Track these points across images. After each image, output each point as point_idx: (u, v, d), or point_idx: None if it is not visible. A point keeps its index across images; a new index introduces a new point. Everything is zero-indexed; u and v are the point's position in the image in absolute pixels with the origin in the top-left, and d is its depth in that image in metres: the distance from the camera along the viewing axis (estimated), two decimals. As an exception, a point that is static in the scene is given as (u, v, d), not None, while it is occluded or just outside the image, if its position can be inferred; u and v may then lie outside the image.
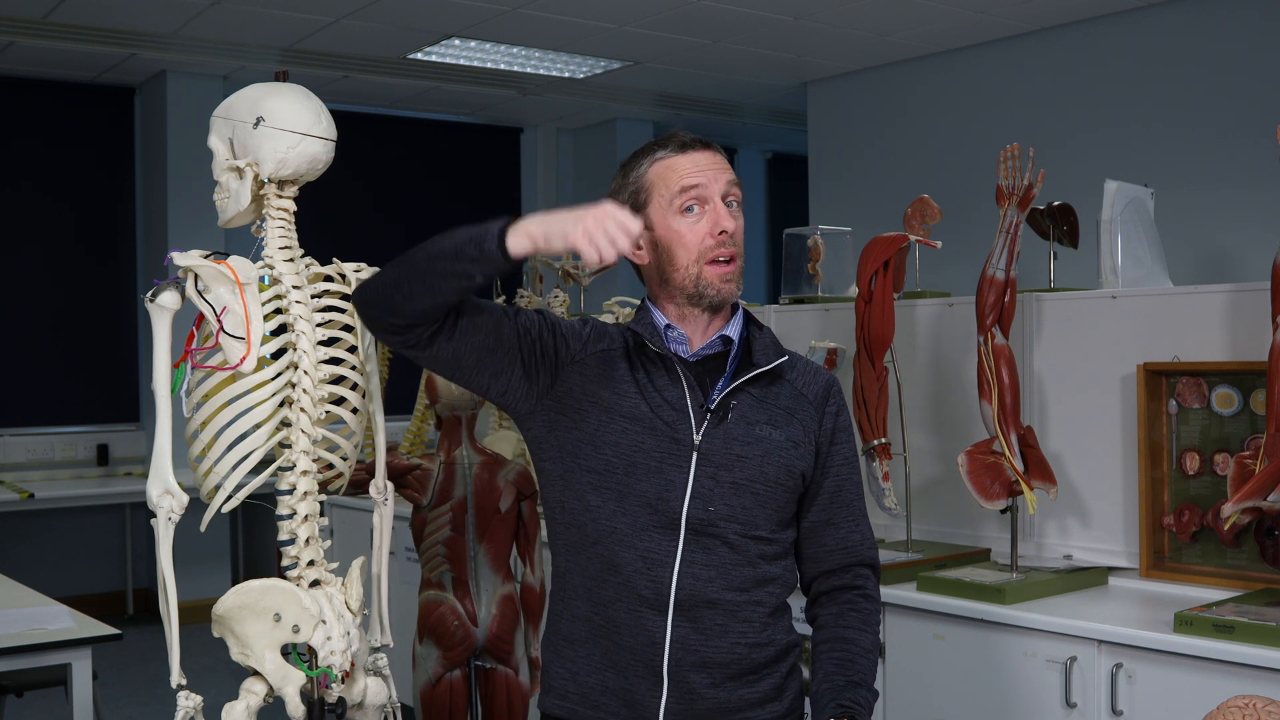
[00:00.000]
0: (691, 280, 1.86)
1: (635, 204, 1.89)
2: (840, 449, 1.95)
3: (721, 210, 1.86)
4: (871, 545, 2.00)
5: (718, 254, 1.85)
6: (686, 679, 1.81)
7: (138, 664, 5.89)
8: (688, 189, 1.86)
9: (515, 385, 1.87)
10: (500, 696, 3.37)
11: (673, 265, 1.87)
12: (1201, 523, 2.99)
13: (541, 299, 5.01)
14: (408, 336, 1.81)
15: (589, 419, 1.85)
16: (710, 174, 1.87)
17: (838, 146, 7.33)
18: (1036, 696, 2.74)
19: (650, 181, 1.89)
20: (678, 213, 1.86)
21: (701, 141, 1.90)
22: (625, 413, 1.84)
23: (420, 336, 1.80)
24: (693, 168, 1.87)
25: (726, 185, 1.87)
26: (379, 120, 8.00)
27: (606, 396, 1.85)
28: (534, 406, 1.89)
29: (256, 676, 2.01)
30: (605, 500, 1.83)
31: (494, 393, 1.88)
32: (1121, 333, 3.17)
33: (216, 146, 2.11)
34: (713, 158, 1.89)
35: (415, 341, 1.81)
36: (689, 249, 1.85)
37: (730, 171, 1.90)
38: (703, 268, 1.85)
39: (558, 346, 1.89)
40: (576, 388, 1.87)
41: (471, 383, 1.87)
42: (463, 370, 1.85)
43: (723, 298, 1.87)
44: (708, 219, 1.85)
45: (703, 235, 1.85)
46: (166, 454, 2.00)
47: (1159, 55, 5.85)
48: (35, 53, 6.51)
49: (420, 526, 3.35)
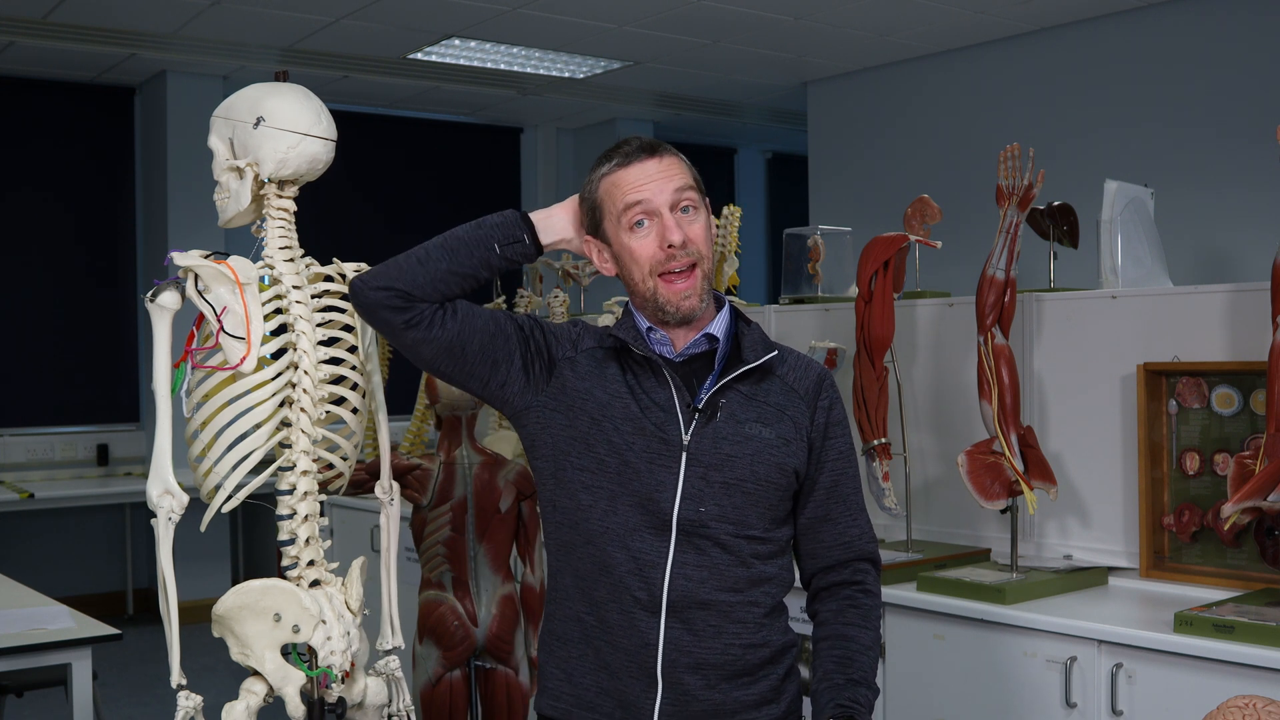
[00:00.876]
0: (650, 295, 1.84)
1: (593, 221, 1.88)
2: (835, 443, 1.93)
3: (669, 223, 1.81)
4: (871, 539, 1.98)
5: (669, 267, 1.82)
6: (681, 681, 1.80)
7: (138, 664, 5.88)
8: (632, 205, 1.83)
9: (514, 377, 1.86)
10: (500, 696, 3.37)
11: (631, 280, 1.86)
12: (1201, 523, 2.99)
13: (541, 299, 5.01)
14: (412, 313, 1.80)
15: (581, 418, 1.84)
16: (655, 185, 1.82)
17: (838, 146, 7.32)
18: (1036, 696, 2.74)
19: (600, 198, 1.87)
20: (627, 229, 1.84)
21: (647, 149, 1.85)
22: (617, 412, 1.83)
23: (424, 315, 1.80)
24: (637, 181, 1.83)
25: (674, 194, 1.83)
26: (379, 120, 8.00)
27: (599, 395, 1.84)
28: (529, 402, 1.88)
29: (256, 676, 2.01)
30: (597, 500, 1.83)
31: (493, 384, 1.87)
32: (1121, 333, 3.17)
33: (216, 146, 2.11)
34: (659, 165, 1.84)
35: (419, 319, 1.80)
36: (641, 265, 1.84)
37: (680, 176, 1.84)
38: (658, 283, 1.83)
39: (549, 344, 1.89)
40: (570, 385, 1.86)
41: (472, 372, 1.85)
42: (466, 356, 1.83)
43: (683, 314, 1.84)
44: (655, 233, 1.82)
45: (653, 250, 1.82)
46: (166, 454, 2.00)
47: (1159, 55, 5.85)
48: (35, 53, 6.51)
49: (420, 526, 3.35)
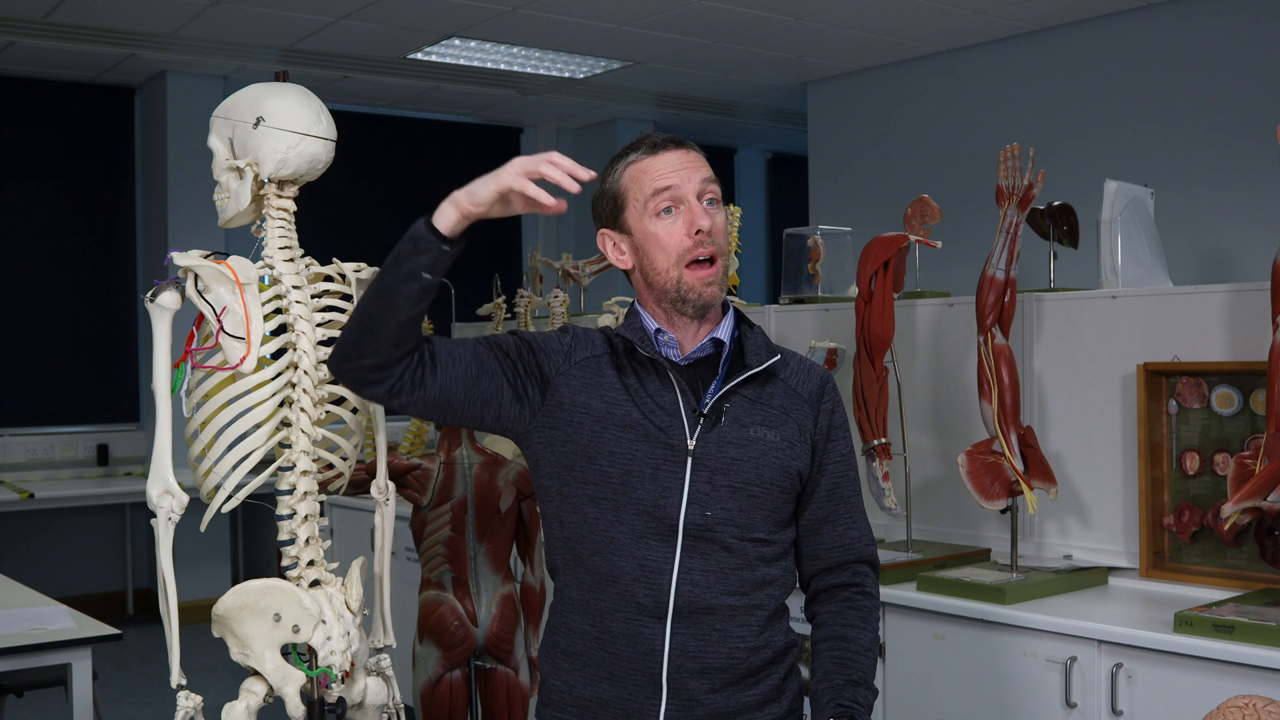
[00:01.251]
0: (673, 284, 1.84)
1: (613, 211, 1.88)
2: (837, 446, 1.94)
3: (697, 209, 1.83)
4: (870, 542, 1.98)
5: (697, 254, 1.83)
6: (685, 686, 1.80)
7: (138, 664, 5.88)
8: (661, 191, 1.83)
9: (507, 408, 1.85)
10: (500, 696, 3.37)
11: (653, 269, 1.86)
12: (1201, 523, 2.99)
13: (541, 299, 5.00)
14: (390, 381, 1.78)
15: (582, 430, 1.83)
16: (684, 173, 1.84)
17: (838, 146, 7.32)
18: (1036, 696, 2.74)
19: (624, 186, 1.87)
20: (653, 215, 1.84)
21: (674, 141, 1.88)
22: (618, 420, 1.82)
23: (402, 380, 1.78)
24: (665, 169, 1.84)
25: (701, 183, 1.85)
26: (379, 120, 8.00)
27: (597, 405, 1.84)
28: (529, 425, 1.87)
29: (256, 676, 2.01)
30: (603, 511, 1.82)
31: (488, 421, 1.86)
32: (1121, 333, 3.17)
33: (216, 146, 2.11)
34: (686, 156, 1.86)
35: (400, 386, 1.78)
36: (667, 252, 1.84)
37: (705, 169, 1.87)
38: (682, 271, 1.83)
39: (539, 362, 1.87)
40: (566, 400, 1.85)
41: (465, 417, 1.85)
42: (453, 407, 1.83)
43: (705, 301, 1.84)
44: (683, 219, 1.83)
45: (680, 237, 1.83)
46: (166, 454, 2.00)
47: (1159, 55, 5.85)
48: (35, 53, 6.51)
49: (420, 526, 3.35)
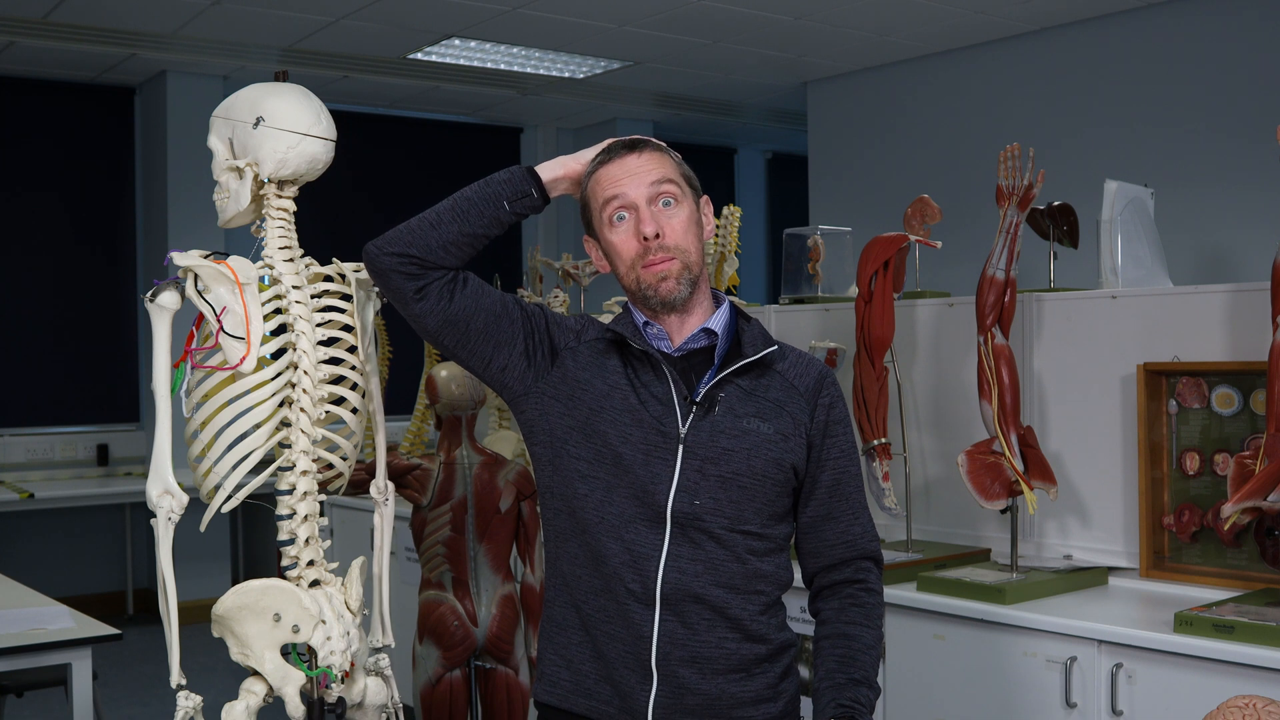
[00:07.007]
0: (634, 284, 1.88)
1: (587, 219, 1.94)
2: (836, 441, 1.93)
3: (645, 215, 1.85)
4: (873, 538, 1.98)
5: (648, 260, 1.85)
6: (675, 673, 1.81)
7: (138, 664, 5.88)
8: (609, 200, 1.87)
9: (516, 361, 1.89)
10: (500, 696, 3.37)
11: (618, 274, 1.91)
12: (1201, 523, 2.99)
13: (541, 299, 5.00)
14: (424, 280, 1.83)
15: (580, 407, 1.86)
16: (631, 180, 1.86)
17: (838, 146, 7.32)
18: (1036, 696, 2.74)
19: (589, 196, 1.92)
20: (609, 224, 1.88)
21: (628, 145, 1.89)
22: (616, 404, 1.84)
23: (434, 285, 1.83)
24: (615, 177, 1.87)
25: (649, 187, 1.86)
26: (379, 120, 8.00)
27: (599, 386, 1.86)
28: (529, 387, 1.90)
29: (256, 676, 2.01)
30: (593, 490, 1.84)
31: (494, 365, 1.89)
32: (1121, 333, 3.17)
33: (216, 146, 2.11)
34: (638, 160, 1.87)
35: (429, 289, 1.83)
36: (623, 258, 1.88)
37: (658, 170, 1.87)
38: (639, 272, 1.86)
39: (552, 334, 1.92)
40: (571, 374, 1.88)
41: (474, 349, 1.87)
42: (470, 334, 1.86)
43: (662, 297, 1.86)
44: (632, 226, 1.86)
45: (631, 243, 1.87)
46: (166, 454, 2.00)
47: (1159, 55, 5.85)
48: (35, 53, 6.51)
49: (420, 526, 3.35)
